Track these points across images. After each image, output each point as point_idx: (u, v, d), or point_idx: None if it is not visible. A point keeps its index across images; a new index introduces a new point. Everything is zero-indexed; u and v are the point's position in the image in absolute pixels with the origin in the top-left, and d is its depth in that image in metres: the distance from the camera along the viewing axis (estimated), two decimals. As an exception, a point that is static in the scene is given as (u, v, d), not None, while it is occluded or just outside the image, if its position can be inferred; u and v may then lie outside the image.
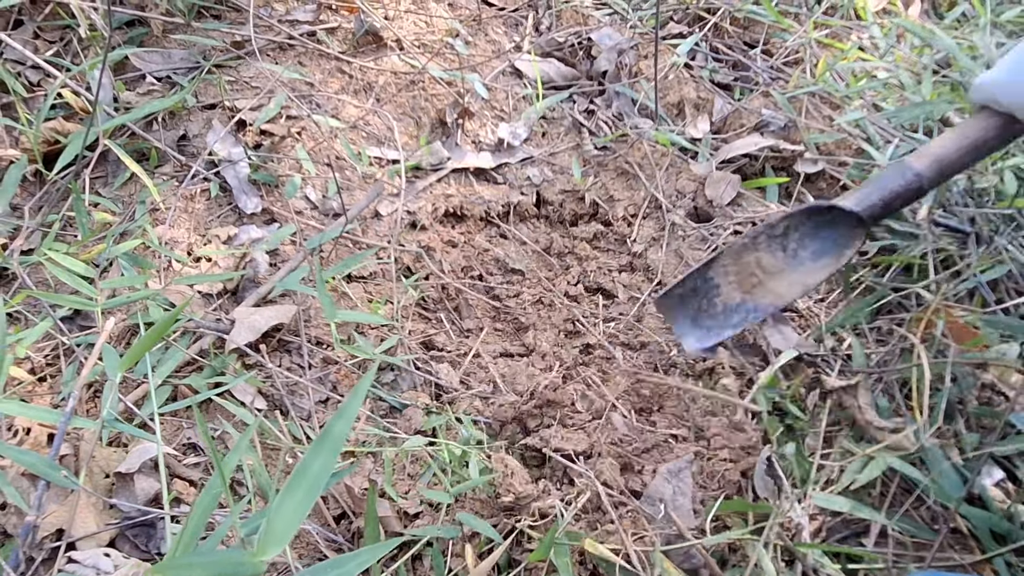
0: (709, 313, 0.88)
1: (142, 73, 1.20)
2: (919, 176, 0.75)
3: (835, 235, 0.80)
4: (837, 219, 0.79)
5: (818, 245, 0.81)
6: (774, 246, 0.83)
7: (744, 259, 0.85)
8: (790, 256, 0.83)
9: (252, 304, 0.98)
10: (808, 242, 0.81)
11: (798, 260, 0.82)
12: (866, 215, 0.77)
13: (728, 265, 0.86)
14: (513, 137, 1.26)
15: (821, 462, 0.83)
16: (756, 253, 0.84)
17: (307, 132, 1.18)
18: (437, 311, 1.10)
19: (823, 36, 1.42)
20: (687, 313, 0.88)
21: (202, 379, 0.91)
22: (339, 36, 1.33)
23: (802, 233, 0.82)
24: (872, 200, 0.76)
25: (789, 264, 0.82)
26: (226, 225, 1.08)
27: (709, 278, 0.87)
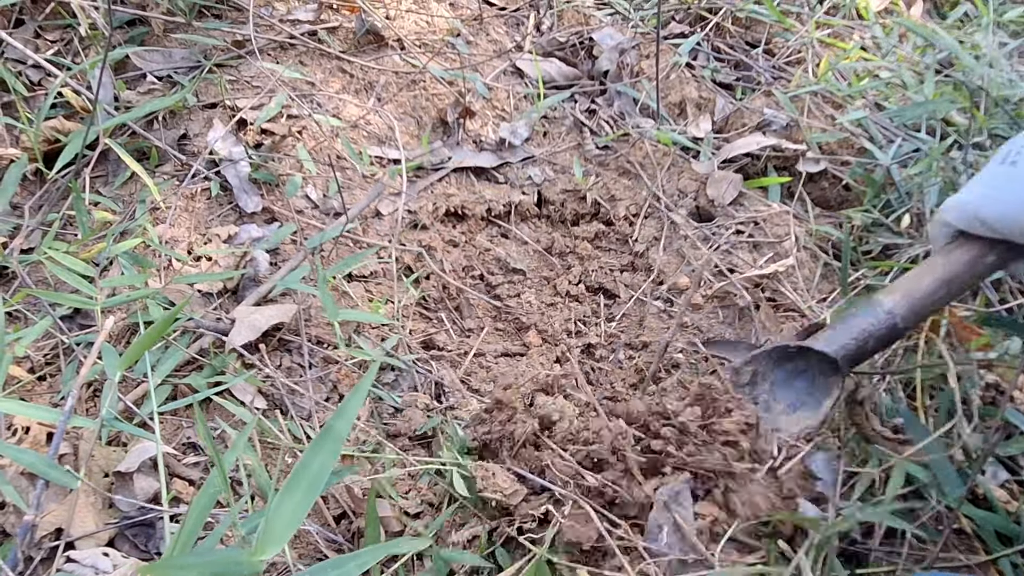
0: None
1: (143, 72, 1.20)
2: (892, 315, 0.68)
3: (808, 382, 0.72)
4: (809, 363, 0.71)
5: (793, 396, 0.73)
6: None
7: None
8: (763, 409, 0.73)
9: (252, 303, 0.98)
10: (780, 394, 0.73)
11: (772, 413, 0.73)
12: (840, 356, 0.68)
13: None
14: (514, 136, 1.26)
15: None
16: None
17: (308, 131, 1.18)
18: (438, 310, 1.10)
19: (825, 36, 1.42)
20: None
21: (202, 378, 0.91)
22: (340, 35, 1.33)
23: (771, 383, 0.74)
24: (844, 341, 0.68)
25: (763, 419, 0.73)
26: (226, 224, 1.08)
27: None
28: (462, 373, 0.99)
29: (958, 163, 1.10)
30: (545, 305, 1.12)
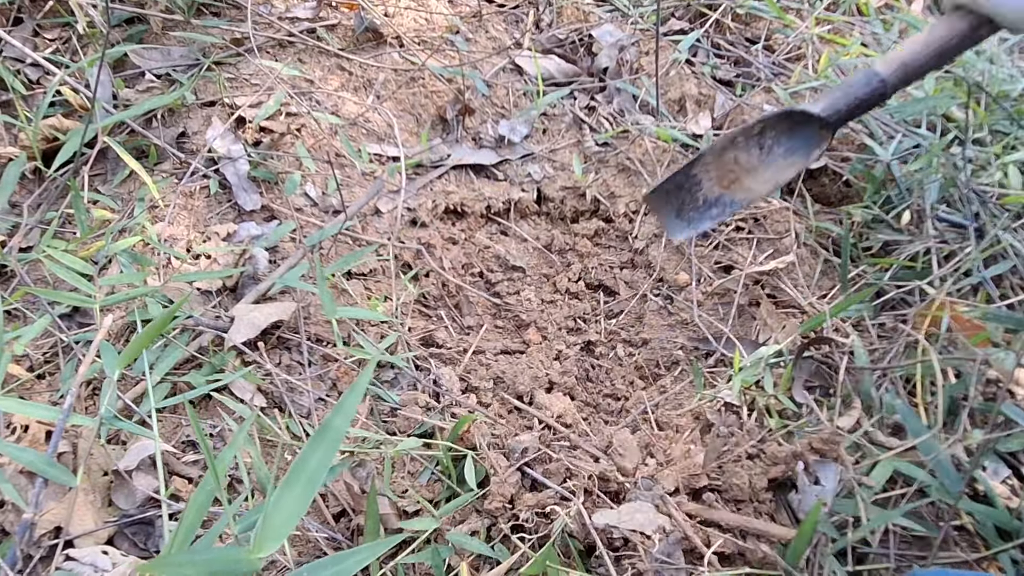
0: (692, 206, 0.94)
1: (141, 70, 1.20)
2: (884, 83, 0.80)
3: (806, 135, 0.86)
4: (807, 122, 0.85)
5: (790, 144, 0.87)
6: (751, 144, 0.89)
7: (724, 157, 0.91)
8: (765, 154, 0.88)
9: (252, 301, 0.98)
10: (783, 140, 0.87)
11: (772, 157, 0.88)
12: (832, 120, 0.83)
13: (709, 163, 0.92)
14: (514, 134, 1.26)
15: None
16: (735, 151, 0.90)
17: (307, 129, 1.18)
18: (438, 308, 1.10)
19: (825, 32, 1.42)
20: (672, 206, 0.94)
21: (201, 376, 0.91)
22: (339, 33, 1.33)
23: (777, 132, 0.88)
24: (838, 106, 0.82)
25: (763, 162, 0.88)
26: (225, 222, 1.08)
27: (692, 175, 0.93)
28: (461, 371, 0.99)
29: (958, 159, 1.10)
30: (545, 302, 1.12)
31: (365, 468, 0.86)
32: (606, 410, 0.98)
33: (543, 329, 1.08)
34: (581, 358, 1.04)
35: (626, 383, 1.01)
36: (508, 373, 0.99)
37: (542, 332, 1.08)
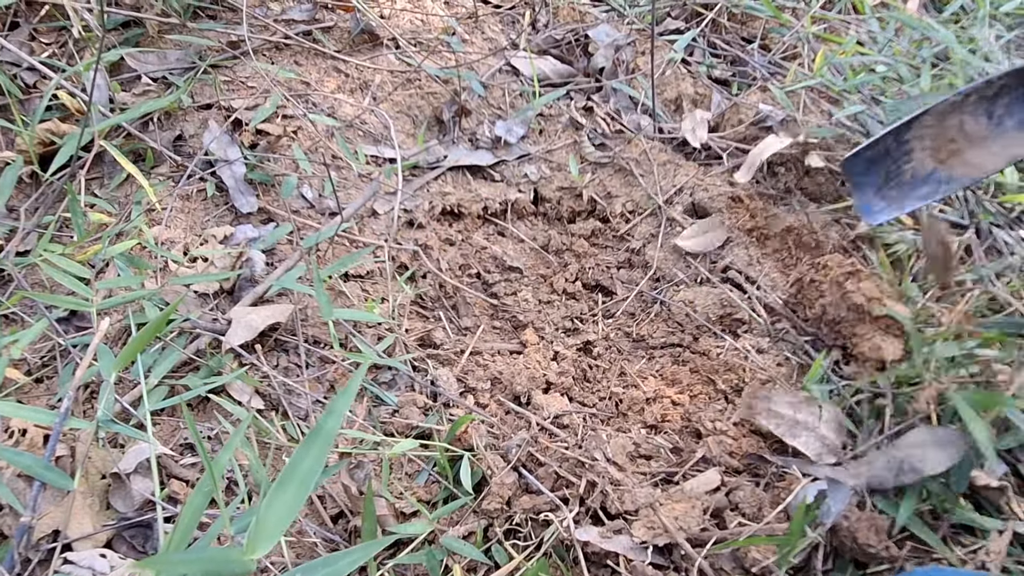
0: (896, 181, 0.82)
1: (138, 74, 1.20)
2: None
3: None
4: None
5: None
6: (980, 110, 0.77)
7: (948, 121, 0.78)
8: (995, 124, 0.76)
9: (249, 304, 0.98)
10: (1017, 108, 0.75)
11: (1002, 128, 0.76)
12: None
13: (929, 127, 0.79)
14: (510, 135, 1.26)
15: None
16: (961, 116, 0.78)
17: (303, 131, 1.18)
18: (435, 309, 1.10)
19: (821, 30, 1.42)
20: (872, 180, 0.82)
21: (199, 379, 0.91)
22: (335, 35, 1.33)
23: (1012, 98, 0.76)
24: None
25: (992, 132, 0.76)
26: (222, 225, 1.08)
27: (904, 140, 0.80)
28: (459, 371, 0.99)
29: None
30: (542, 303, 1.12)
31: (363, 470, 0.86)
32: (603, 411, 0.98)
33: (540, 330, 1.08)
34: (578, 358, 1.04)
35: (623, 384, 1.01)
36: (505, 374, 0.99)
37: (539, 332, 1.08)
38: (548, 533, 0.77)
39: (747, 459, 0.82)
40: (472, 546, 0.77)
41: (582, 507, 0.80)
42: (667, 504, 0.77)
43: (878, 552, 0.69)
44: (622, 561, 0.74)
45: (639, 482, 0.81)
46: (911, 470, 0.73)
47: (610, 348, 1.06)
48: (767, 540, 0.70)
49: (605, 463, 0.83)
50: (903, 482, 0.73)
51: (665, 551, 0.75)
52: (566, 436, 0.90)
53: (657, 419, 0.94)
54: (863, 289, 0.88)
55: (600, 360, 1.05)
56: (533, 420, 0.90)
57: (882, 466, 0.74)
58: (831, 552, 0.75)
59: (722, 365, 0.97)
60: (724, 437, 0.83)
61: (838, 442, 0.79)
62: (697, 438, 0.87)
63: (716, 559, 0.73)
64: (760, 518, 0.75)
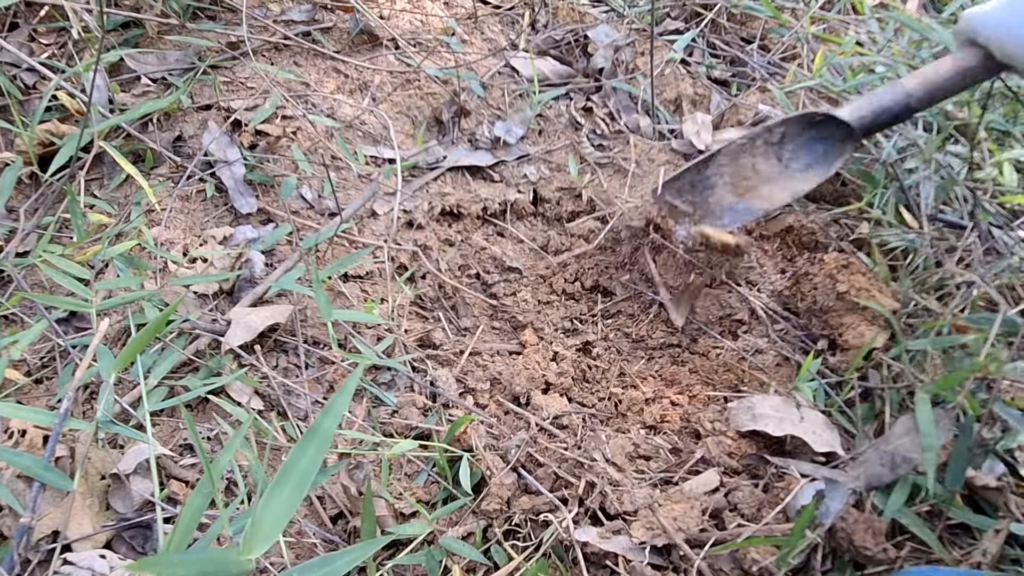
0: (704, 210, 0.93)
1: (137, 74, 1.20)
2: (910, 95, 0.81)
3: (826, 147, 0.86)
4: (830, 130, 0.84)
5: (810, 158, 0.87)
6: (770, 153, 0.89)
7: (741, 161, 0.91)
8: (784, 165, 0.89)
9: (248, 304, 0.98)
10: (802, 153, 0.87)
11: (790, 170, 0.89)
12: (857, 126, 0.82)
13: (725, 165, 0.91)
14: (509, 135, 1.26)
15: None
16: (753, 158, 0.90)
17: (303, 132, 1.18)
18: (434, 309, 1.10)
19: (820, 31, 1.42)
20: (685, 205, 0.94)
21: (198, 379, 0.91)
22: (334, 35, 1.33)
23: (796, 144, 0.88)
24: (863, 113, 0.81)
25: (782, 173, 0.89)
26: (222, 225, 1.08)
27: (706, 176, 0.92)
28: (458, 372, 0.99)
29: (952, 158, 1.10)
30: (541, 303, 1.12)
31: (362, 470, 0.86)
32: (602, 411, 0.98)
33: (540, 330, 1.08)
34: (578, 359, 1.04)
35: (622, 384, 1.01)
36: (505, 374, 0.99)
37: (539, 333, 1.08)
38: (547, 534, 0.77)
39: (746, 460, 0.82)
40: (471, 547, 0.78)
41: (581, 508, 0.80)
42: (666, 505, 0.77)
43: (875, 555, 0.69)
44: (621, 562, 0.74)
45: (638, 483, 0.81)
46: (904, 461, 0.74)
47: (609, 349, 1.06)
48: (766, 541, 0.70)
49: (604, 464, 0.83)
50: (899, 475, 0.74)
51: (664, 552, 0.76)
52: (565, 436, 0.90)
53: (656, 419, 0.94)
54: (853, 281, 0.90)
55: (599, 360, 1.05)
56: (532, 421, 0.90)
57: (877, 462, 0.74)
58: (830, 553, 0.75)
59: (721, 366, 0.97)
60: (723, 438, 0.83)
61: (832, 440, 0.79)
62: (696, 439, 0.87)
63: (715, 560, 0.73)
64: (759, 519, 0.75)
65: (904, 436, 0.75)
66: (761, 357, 0.97)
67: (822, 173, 0.88)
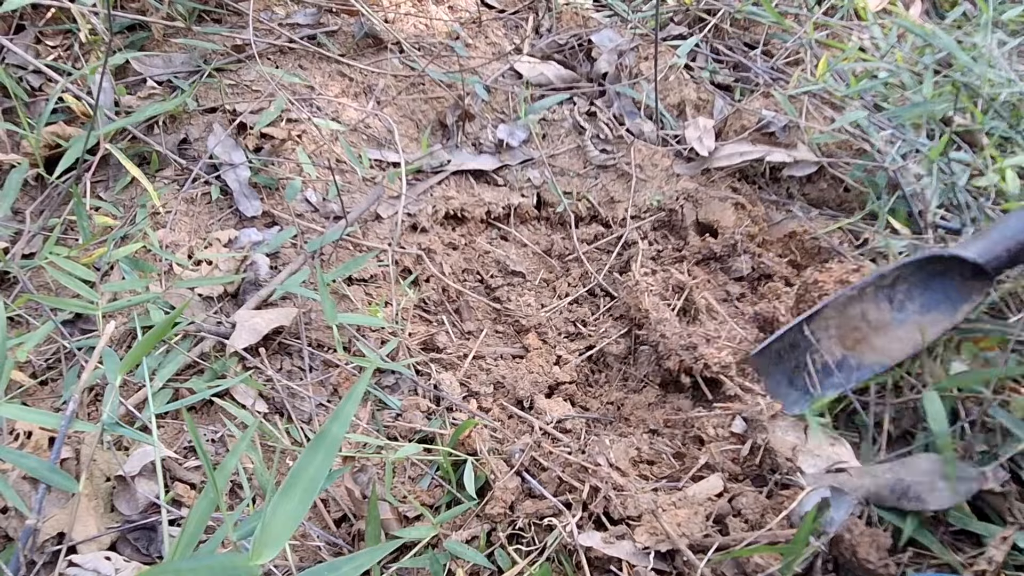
0: (806, 371, 0.80)
1: (143, 77, 1.21)
2: None
3: (949, 286, 0.73)
4: (953, 269, 0.72)
5: (927, 297, 0.74)
6: (881, 297, 0.76)
7: (849, 311, 0.78)
8: (896, 309, 0.75)
9: (253, 307, 0.99)
10: (917, 293, 0.74)
11: (904, 313, 0.75)
12: (990, 266, 0.69)
13: (831, 318, 0.79)
14: (512, 138, 1.26)
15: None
16: (862, 305, 0.77)
17: (308, 135, 1.18)
18: (438, 313, 1.10)
19: (823, 36, 1.42)
20: (782, 371, 0.81)
21: (203, 382, 0.91)
22: (339, 39, 1.34)
23: (911, 283, 0.75)
24: (997, 251, 0.69)
25: (895, 318, 0.75)
26: (227, 228, 1.08)
27: (810, 331, 0.79)
28: (462, 376, 0.99)
29: (956, 164, 1.11)
30: (545, 307, 1.12)
31: (366, 473, 0.86)
32: (606, 416, 0.98)
33: (543, 334, 1.08)
34: (581, 363, 1.04)
35: (625, 389, 1.02)
36: (508, 378, 0.99)
37: (542, 337, 1.08)
38: (551, 538, 0.77)
39: (750, 465, 0.82)
40: (475, 551, 0.78)
41: (585, 512, 0.80)
42: (670, 510, 0.77)
43: (876, 569, 0.69)
44: (625, 567, 0.74)
45: (642, 488, 0.81)
46: (915, 498, 0.72)
47: (612, 350, 1.06)
48: (770, 548, 0.70)
49: (608, 468, 0.83)
50: (903, 506, 0.73)
51: (667, 557, 0.76)
52: (569, 440, 0.90)
53: (659, 424, 0.95)
54: None
55: (602, 364, 1.05)
56: (536, 425, 0.90)
57: (885, 484, 0.74)
58: (832, 561, 0.75)
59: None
60: (726, 443, 0.84)
61: (839, 452, 0.79)
62: (700, 444, 0.87)
63: (718, 566, 0.74)
64: (763, 525, 0.75)
65: (927, 475, 0.73)
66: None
67: (947, 318, 0.74)
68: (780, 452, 0.79)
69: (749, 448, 0.82)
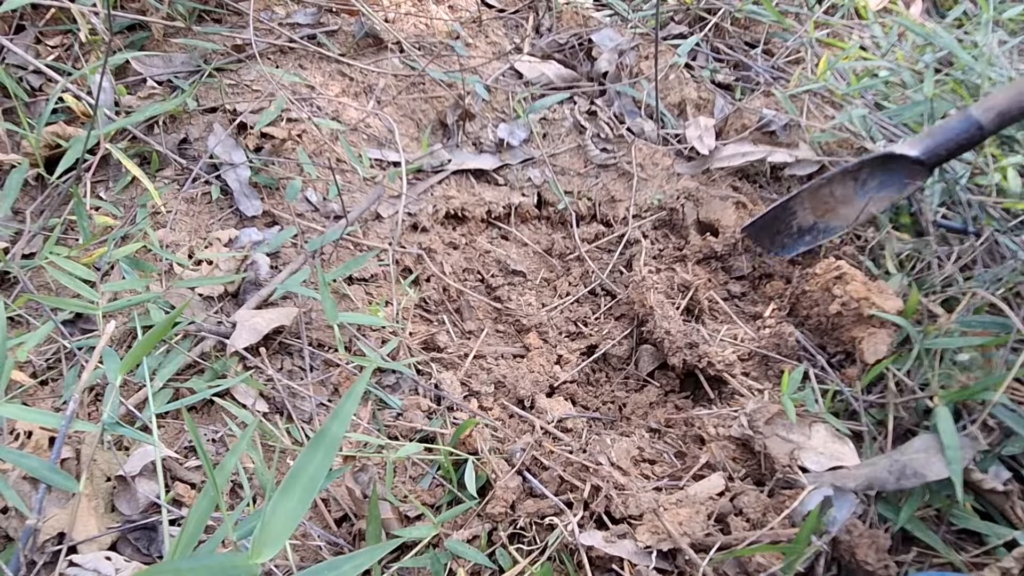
0: (786, 233, 1.05)
1: (143, 77, 1.21)
2: (981, 128, 0.88)
3: (900, 172, 0.95)
4: (904, 161, 0.94)
5: (885, 178, 0.97)
6: (847, 179, 0.99)
7: (820, 192, 1.02)
8: (859, 186, 0.99)
9: (253, 307, 0.98)
10: (878, 174, 0.96)
11: (865, 190, 0.98)
12: (930, 162, 0.92)
13: (805, 198, 1.03)
14: (513, 137, 1.26)
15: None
16: (831, 187, 1.01)
17: (308, 135, 1.18)
18: (439, 312, 1.10)
19: (824, 35, 1.42)
20: (767, 234, 1.07)
21: (203, 382, 0.91)
22: (340, 39, 1.34)
23: (872, 169, 0.97)
24: (936, 150, 0.90)
25: (858, 193, 0.99)
26: (227, 228, 1.08)
27: (788, 207, 1.04)
28: (463, 375, 0.99)
29: (957, 162, 1.10)
30: (545, 306, 1.12)
31: (367, 473, 0.86)
32: (607, 415, 0.98)
33: (544, 333, 1.08)
34: (582, 362, 1.04)
35: (626, 388, 1.01)
36: (509, 377, 0.99)
37: (543, 336, 1.08)
38: (552, 537, 0.77)
39: (752, 464, 0.82)
40: (476, 550, 0.78)
41: (586, 511, 0.80)
42: (671, 509, 0.77)
43: (875, 570, 0.69)
44: (626, 566, 0.74)
45: (643, 487, 0.81)
46: (914, 474, 0.73)
47: (614, 351, 1.06)
48: (772, 548, 0.70)
49: (609, 467, 0.83)
50: (903, 486, 0.73)
51: (669, 556, 0.76)
52: (570, 440, 0.90)
53: (660, 423, 0.95)
54: (850, 291, 0.91)
55: (603, 363, 1.05)
56: (537, 424, 0.90)
57: (884, 468, 0.74)
58: (835, 561, 0.75)
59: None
60: (727, 443, 0.83)
61: (841, 450, 0.79)
62: (701, 443, 0.87)
63: (720, 565, 0.73)
64: (764, 523, 0.75)
65: (922, 451, 0.74)
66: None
67: (896, 194, 0.97)
68: (781, 451, 0.78)
69: (751, 447, 0.82)
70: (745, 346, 0.99)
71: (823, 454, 0.78)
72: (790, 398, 0.82)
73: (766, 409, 0.81)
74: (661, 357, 1.00)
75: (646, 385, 1.01)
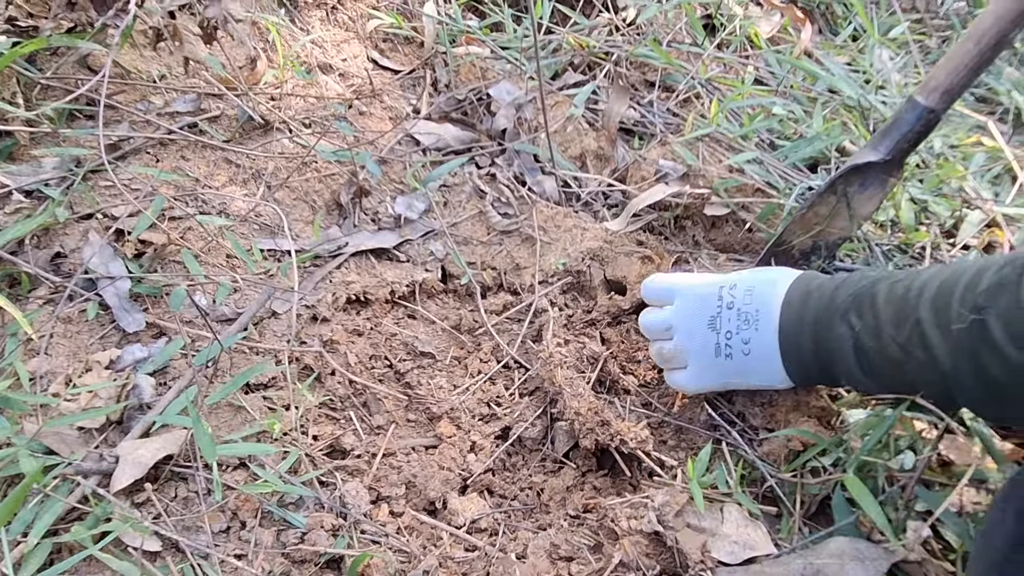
0: (791, 264, 1.04)
1: (9, 190, 1.13)
2: (933, 111, 0.89)
3: (876, 173, 0.96)
4: (874, 165, 0.95)
5: (863, 181, 0.97)
6: (826, 197, 0.99)
7: (805, 217, 1.01)
8: (840, 197, 0.98)
9: (138, 435, 0.92)
10: (854, 182, 0.96)
11: (848, 197, 0.98)
12: (898, 158, 0.93)
13: (794, 228, 1.02)
14: (411, 211, 1.22)
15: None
16: (813, 209, 1.00)
17: (193, 232, 1.12)
18: (345, 409, 1.05)
19: (718, 72, 1.42)
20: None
21: (85, 529, 0.85)
22: (223, 124, 1.28)
23: (846, 181, 0.97)
24: (899, 145, 0.92)
25: (842, 203, 0.99)
26: (108, 347, 1.02)
27: (781, 242, 1.03)
28: (371, 480, 0.94)
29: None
30: (457, 388, 1.08)
31: (269, 610, 0.81)
32: (524, 503, 0.94)
33: (456, 419, 1.04)
34: (496, 446, 1.01)
35: (543, 471, 0.98)
36: (420, 477, 0.94)
37: (456, 422, 1.04)
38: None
39: (665, 558, 0.79)
40: None
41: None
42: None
43: None
44: None
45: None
46: None
47: (528, 433, 1.02)
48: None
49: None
50: None
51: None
52: (484, 543, 0.86)
53: (579, 509, 0.91)
54: None
55: (519, 446, 1.02)
56: (446, 535, 0.86)
57: (796, 571, 0.72)
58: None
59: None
60: (640, 538, 0.80)
61: (755, 537, 0.76)
62: (615, 537, 0.84)
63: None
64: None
65: (836, 557, 0.71)
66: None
67: (880, 191, 0.97)
68: (693, 545, 0.76)
69: (664, 541, 0.79)
70: (657, 415, 0.96)
71: (736, 543, 0.76)
72: (698, 482, 0.80)
73: (675, 501, 0.78)
74: (576, 436, 0.97)
75: (563, 467, 0.98)
